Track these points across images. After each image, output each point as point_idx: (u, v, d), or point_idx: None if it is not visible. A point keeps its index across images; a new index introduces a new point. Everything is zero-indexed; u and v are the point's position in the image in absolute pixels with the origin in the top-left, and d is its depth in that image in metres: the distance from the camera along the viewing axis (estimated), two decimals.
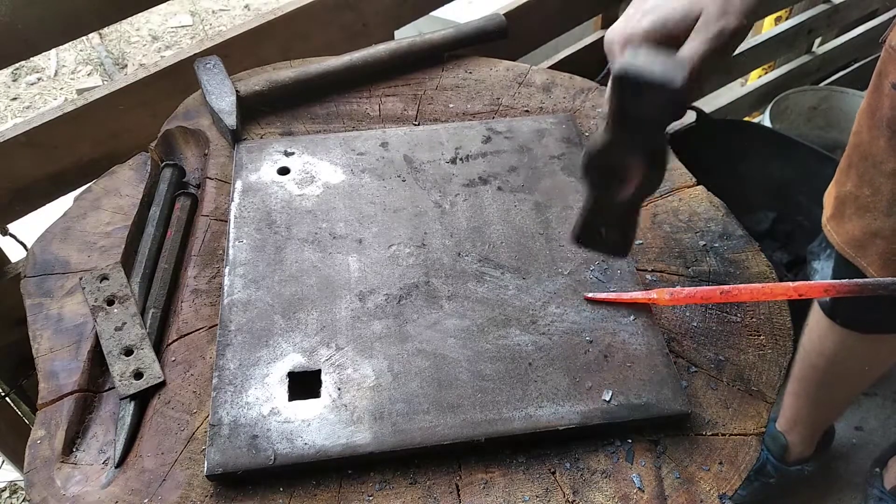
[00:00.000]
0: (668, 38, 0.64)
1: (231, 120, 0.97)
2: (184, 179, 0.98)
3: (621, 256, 0.74)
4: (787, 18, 2.13)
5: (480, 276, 0.82)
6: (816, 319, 1.27)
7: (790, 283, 0.72)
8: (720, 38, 0.62)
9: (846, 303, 1.15)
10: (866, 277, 1.05)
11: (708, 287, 0.77)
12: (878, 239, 1.02)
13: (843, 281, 0.69)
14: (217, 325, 0.78)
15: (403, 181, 0.93)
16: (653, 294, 0.78)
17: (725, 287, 0.75)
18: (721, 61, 0.64)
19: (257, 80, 1.03)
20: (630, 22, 0.65)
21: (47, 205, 1.12)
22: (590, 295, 0.80)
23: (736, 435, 0.73)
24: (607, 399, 0.71)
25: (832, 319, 1.21)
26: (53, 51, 3.19)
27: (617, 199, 0.66)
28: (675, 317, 0.82)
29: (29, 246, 0.92)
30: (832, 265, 1.15)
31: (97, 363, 0.79)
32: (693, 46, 0.63)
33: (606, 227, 0.71)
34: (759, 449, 0.73)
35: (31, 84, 3.12)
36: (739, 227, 0.91)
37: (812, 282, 0.72)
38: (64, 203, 0.99)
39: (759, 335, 0.81)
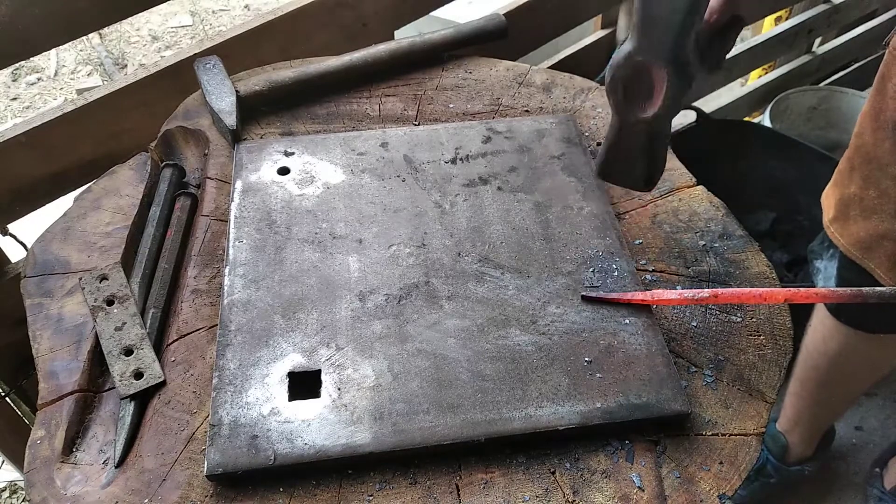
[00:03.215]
0: None
1: (231, 120, 0.97)
2: (184, 179, 0.98)
3: (646, 190, 0.71)
4: (787, 18, 2.13)
5: (480, 277, 0.82)
6: (821, 318, 1.26)
7: (788, 290, 0.72)
8: None
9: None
10: (873, 279, 1.05)
11: (707, 290, 0.77)
12: (885, 241, 1.02)
13: (840, 289, 0.69)
14: (217, 325, 0.78)
15: (403, 181, 0.93)
16: (648, 295, 0.78)
17: (718, 290, 0.75)
18: None
19: (257, 80, 1.03)
20: None
21: (47, 205, 1.12)
22: (585, 293, 0.80)
23: (736, 435, 0.73)
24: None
25: (837, 318, 1.21)
26: (53, 51, 3.19)
27: (642, 117, 0.63)
28: (675, 317, 0.82)
29: (29, 246, 0.92)
30: (836, 265, 1.15)
31: (97, 363, 0.79)
32: None
33: (631, 157, 0.67)
34: (759, 449, 0.73)
35: (31, 84, 3.12)
36: (739, 227, 0.91)
37: (809, 289, 0.73)
38: (64, 203, 0.99)
39: (759, 335, 0.81)
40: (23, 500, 1.68)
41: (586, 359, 0.75)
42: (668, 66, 0.60)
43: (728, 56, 2.10)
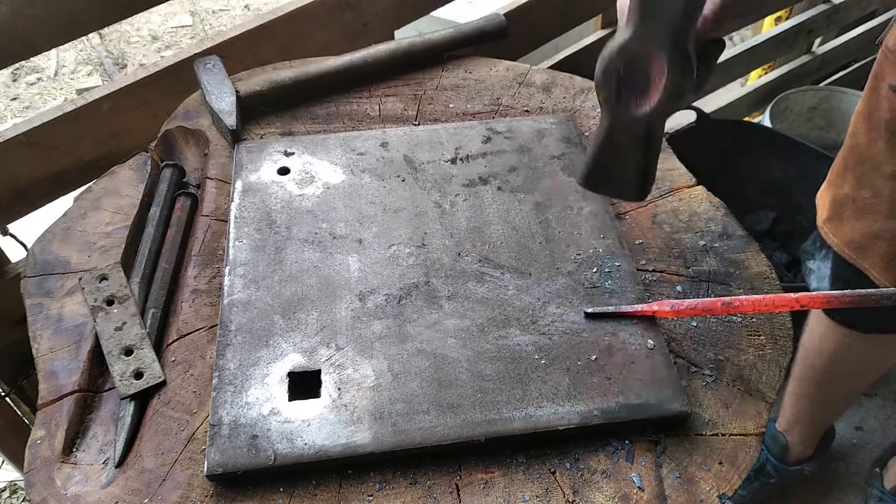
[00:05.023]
0: None
1: (231, 120, 0.97)
2: (184, 179, 0.98)
3: (638, 199, 0.65)
4: (787, 18, 2.13)
5: (480, 276, 0.82)
6: (817, 318, 1.26)
7: (792, 295, 0.71)
8: None
9: None
10: (867, 278, 1.05)
11: (710, 300, 0.76)
12: (879, 241, 1.02)
13: (845, 292, 0.69)
14: (217, 325, 0.78)
15: (403, 181, 0.93)
16: (654, 307, 0.78)
17: (727, 299, 0.74)
18: None
19: (257, 80, 1.03)
20: None
21: (47, 205, 1.12)
22: (590, 310, 0.79)
23: (736, 435, 0.73)
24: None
25: (832, 318, 1.21)
26: (53, 51, 3.19)
27: (637, 114, 0.58)
28: None
29: (29, 246, 0.92)
30: (830, 265, 1.15)
31: (97, 363, 0.79)
32: None
33: (622, 161, 0.61)
34: (759, 449, 0.73)
35: (31, 84, 3.12)
36: (739, 227, 0.91)
37: (814, 293, 0.72)
38: (64, 203, 0.99)
39: (759, 335, 0.81)
40: (23, 500, 1.68)
41: (586, 358, 0.75)
42: (668, 57, 0.54)
43: (728, 57, 2.09)
